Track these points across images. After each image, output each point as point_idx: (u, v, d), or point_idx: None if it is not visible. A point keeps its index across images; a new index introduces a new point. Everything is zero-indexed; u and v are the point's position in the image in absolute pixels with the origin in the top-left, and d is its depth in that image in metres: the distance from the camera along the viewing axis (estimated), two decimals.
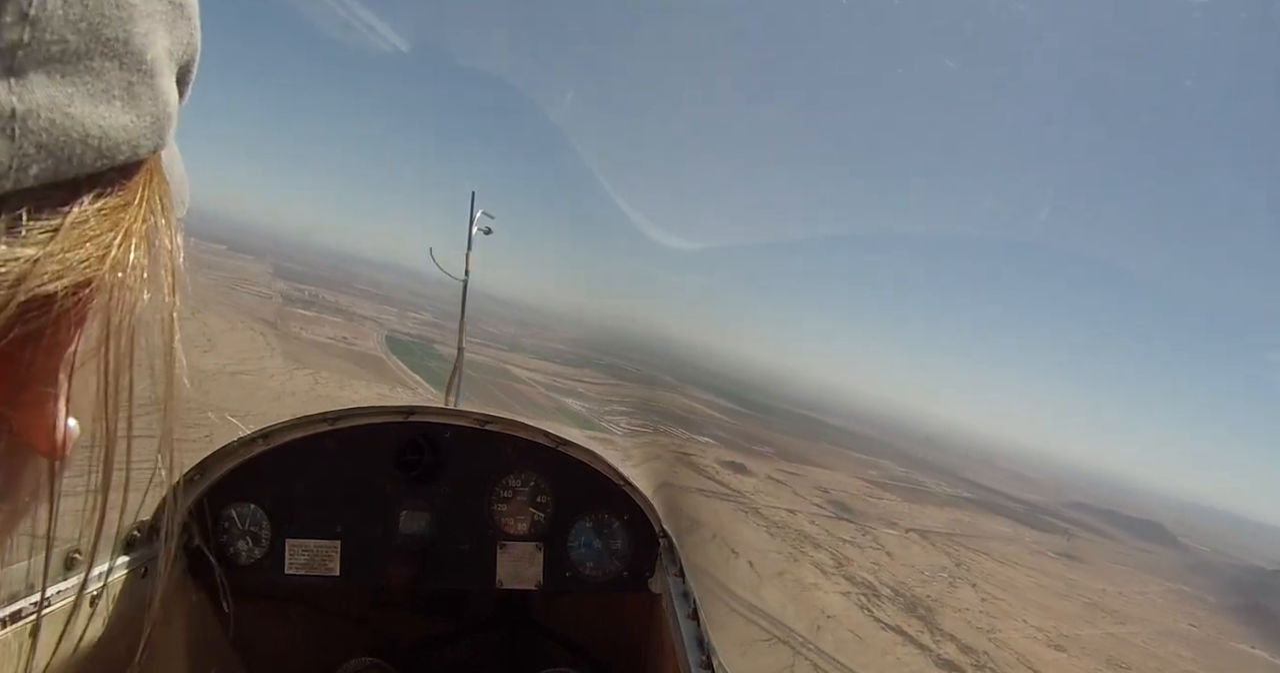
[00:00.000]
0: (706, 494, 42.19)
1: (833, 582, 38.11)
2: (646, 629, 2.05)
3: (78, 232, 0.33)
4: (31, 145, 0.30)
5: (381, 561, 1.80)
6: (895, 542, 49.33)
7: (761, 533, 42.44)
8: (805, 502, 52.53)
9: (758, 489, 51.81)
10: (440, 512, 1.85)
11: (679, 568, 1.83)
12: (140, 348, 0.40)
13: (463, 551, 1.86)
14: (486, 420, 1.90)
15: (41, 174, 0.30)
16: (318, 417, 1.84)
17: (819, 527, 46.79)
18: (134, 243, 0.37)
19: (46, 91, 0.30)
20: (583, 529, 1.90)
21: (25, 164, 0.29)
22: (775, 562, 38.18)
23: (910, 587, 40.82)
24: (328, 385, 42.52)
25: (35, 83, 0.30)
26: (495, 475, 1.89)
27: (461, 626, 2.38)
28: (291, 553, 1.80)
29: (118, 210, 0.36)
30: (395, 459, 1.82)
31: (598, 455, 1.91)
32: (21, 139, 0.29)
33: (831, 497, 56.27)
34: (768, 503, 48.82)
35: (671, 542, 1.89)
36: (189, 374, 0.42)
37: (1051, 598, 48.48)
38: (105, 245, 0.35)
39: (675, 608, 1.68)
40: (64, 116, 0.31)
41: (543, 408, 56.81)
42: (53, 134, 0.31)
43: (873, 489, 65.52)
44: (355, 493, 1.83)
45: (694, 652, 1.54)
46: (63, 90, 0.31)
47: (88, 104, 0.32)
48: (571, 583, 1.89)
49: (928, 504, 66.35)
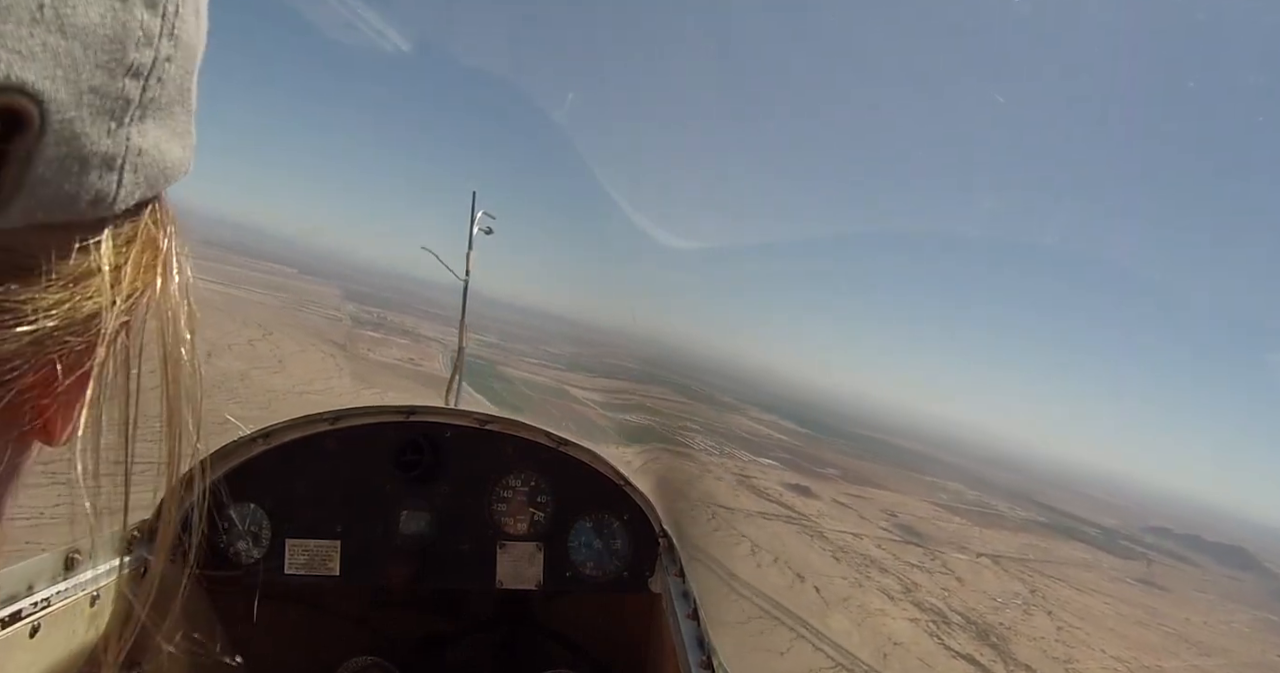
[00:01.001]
0: (769, 517, 42.08)
1: (900, 608, 37.44)
2: (646, 629, 2.07)
3: (148, 242, 0.40)
4: (141, 177, 0.36)
5: (381, 561, 1.81)
6: (966, 567, 48.12)
7: (826, 557, 41.91)
8: (872, 525, 51.69)
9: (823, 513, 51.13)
10: (440, 512, 1.86)
11: (679, 568, 1.84)
12: (159, 349, 0.44)
13: (463, 551, 1.87)
14: (486, 420, 1.91)
15: (136, 198, 0.37)
16: (317, 417, 1.85)
17: (886, 551, 45.99)
18: (176, 255, 0.43)
19: (153, 134, 0.36)
20: (583, 529, 1.91)
21: (131, 190, 0.36)
22: (840, 587, 37.67)
23: (982, 614, 39.79)
24: None
25: (149, 127, 0.36)
26: (495, 475, 1.90)
27: (461, 626, 2.38)
28: (291, 553, 1.81)
29: (168, 223, 0.42)
30: (395, 459, 1.84)
31: (598, 455, 1.92)
32: (136, 173, 0.36)
33: (899, 520, 55.22)
34: (833, 527, 48.14)
35: (671, 542, 1.90)
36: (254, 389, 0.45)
37: (1131, 627, 46.57)
38: (155, 255, 0.41)
39: (675, 608, 1.69)
40: (158, 153, 0.37)
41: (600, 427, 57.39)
42: (153, 168, 0.37)
43: (942, 512, 63.99)
44: (355, 493, 1.85)
45: (694, 652, 1.54)
46: (160, 132, 0.37)
47: (167, 141, 0.38)
48: (571, 583, 1.89)
49: (1000, 528, 64.38)
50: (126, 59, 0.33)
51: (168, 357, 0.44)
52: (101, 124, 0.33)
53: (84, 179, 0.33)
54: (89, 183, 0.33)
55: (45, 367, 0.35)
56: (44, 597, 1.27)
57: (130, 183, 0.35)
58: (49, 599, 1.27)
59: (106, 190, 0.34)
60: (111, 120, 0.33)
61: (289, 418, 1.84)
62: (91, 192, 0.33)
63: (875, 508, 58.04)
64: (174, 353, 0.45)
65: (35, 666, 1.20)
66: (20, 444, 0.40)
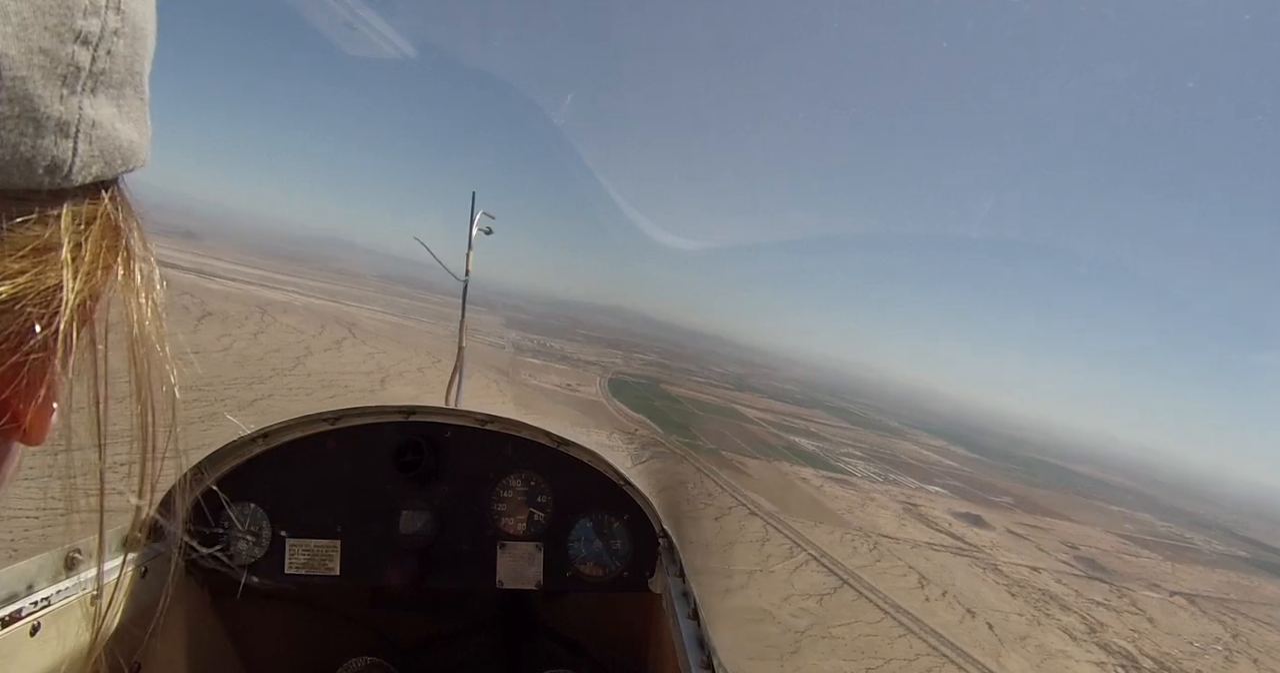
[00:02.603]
0: (937, 548, 41.49)
1: (1084, 649, 35.93)
2: (646, 629, 2.05)
3: (106, 224, 0.40)
4: (96, 150, 0.37)
5: (381, 560, 1.80)
6: (1158, 606, 45.10)
7: (1001, 592, 40.83)
8: (1051, 559, 49.45)
9: (996, 544, 49.45)
10: (440, 512, 1.85)
11: (679, 568, 1.82)
12: (152, 349, 0.44)
13: (463, 550, 1.86)
14: (487, 420, 1.90)
15: (94, 174, 0.38)
16: (318, 416, 1.84)
17: (1067, 587, 43.99)
18: (136, 239, 0.44)
19: (106, 109, 0.38)
20: (583, 529, 1.90)
21: (88, 164, 0.37)
22: (1017, 625, 36.61)
23: (1177, 659, 37.39)
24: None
25: (101, 101, 0.37)
26: (495, 475, 1.89)
27: (461, 626, 2.37)
28: (291, 553, 1.80)
29: (124, 210, 0.42)
30: (395, 459, 1.83)
31: (598, 455, 1.91)
32: (91, 144, 0.37)
33: (1081, 554, 52.41)
34: (1008, 559, 46.54)
35: (671, 542, 1.88)
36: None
37: None
38: (117, 238, 0.42)
39: (675, 608, 1.67)
40: (113, 129, 0.38)
41: (772, 447, 58.14)
42: (107, 143, 0.38)
43: (1130, 546, 59.97)
44: (355, 493, 1.84)
45: (694, 652, 1.51)
46: (112, 109, 0.38)
47: (120, 121, 0.39)
48: (571, 583, 1.89)
49: (1196, 564, 59.19)
50: (74, 25, 0.34)
51: (134, 345, 0.44)
52: (54, 88, 0.34)
53: (39, 143, 0.34)
54: (44, 148, 0.34)
55: (6, 352, 0.35)
56: (44, 596, 1.25)
57: (85, 154, 0.36)
58: (49, 598, 1.26)
59: (63, 158, 0.35)
60: (63, 86, 0.34)
61: (289, 418, 1.83)
62: (47, 157, 0.34)
63: (1054, 540, 55.46)
64: (141, 341, 0.45)
65: (35, 665, 1.20)
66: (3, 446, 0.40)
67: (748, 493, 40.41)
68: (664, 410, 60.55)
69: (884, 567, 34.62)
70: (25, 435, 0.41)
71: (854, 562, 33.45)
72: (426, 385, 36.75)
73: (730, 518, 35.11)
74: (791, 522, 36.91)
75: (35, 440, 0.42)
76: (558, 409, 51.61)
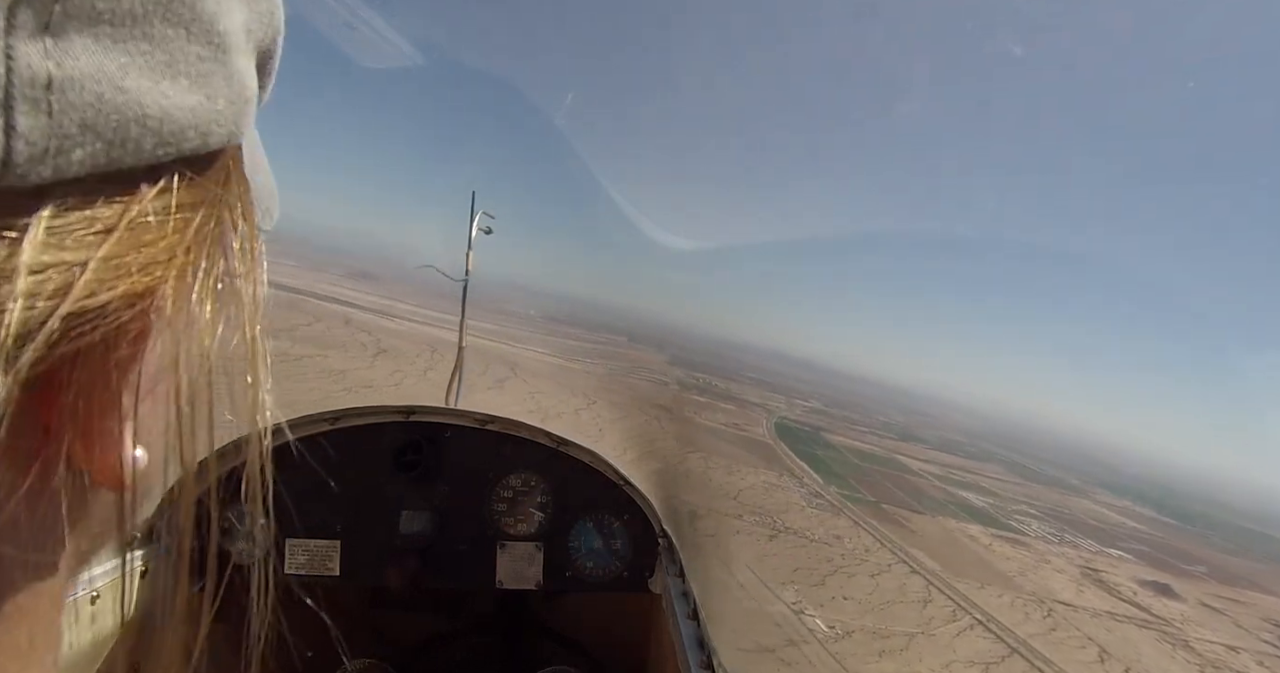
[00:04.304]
0: (1119, 619, 39.58)
1: None
2: (646, 629, 2.05)
3: (135, 234, 0.27)
4: (74, 124, 0.23)
5: (381, 560, 1.80)
6: None
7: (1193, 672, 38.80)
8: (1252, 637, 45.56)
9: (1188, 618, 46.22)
10: (440, 512, 1.86)
11: (679, 568, 1.83)
12: (219, 372, 0.36)
13: (463, 551, 1.86)
14: (487, 420, 1.90)
15: (88, 161, 0.24)
16: (318, 416, 1.82)
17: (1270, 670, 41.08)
18: (205, 251, 0.31)
19: (94, 58, 0.23)
20: (583, 529, 1.90)
21: (67, 147, 0.23)
22: None
23: None
24: (717, 471, 44.68)
25: (79, 47, 0.23)
26: (495, 475, 1.89)
27: (461, 626, 2.38)
28: (291, 553, 1.79)
29: (185, 210, 0.29)
30: (395, 459, 1.83)
31: (598, 455, 1.91)
32: (61, 115, 0.23)
33: None
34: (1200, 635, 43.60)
35: (671, 542, 1.89)
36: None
37: None
38: (170, 250, 0.29)
39: (675, 608, 1.67)
40: (115, 91, 0.24)
41: (938, 502, 57.18)
42: (101, 111, 0.24)
43: None
44: (355, 493, 1.83)
45: (694, 652, 1.50)
46: (114, 59, 0.24)
47: (146, 78, 0.25)
48: (571, 583, 1.89)
49: None
50: None
51: (179, 359, 0.34)
52: None
53: None
54: None
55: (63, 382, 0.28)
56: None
57: (38, 131, 0.22)
58: None
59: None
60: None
61: (289, 418, 1.58)
62: None
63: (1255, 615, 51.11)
64: (191, 356, 0.34)
65: None
66: (78, 493, 0.31)
67: (910, 549, 40.19)
68: (824, 460, 60.98)
69: (1059, 636, 33.38)
70: (95, 479, 0.32)
71: (1025, 629, 32.53)
72: (581, 427, 37.83)
73: (889, 575, 34.83)
74: (956, 582, 36.46)
75: (111, 485, 0.32)
76: (724, 447, 52.73)
